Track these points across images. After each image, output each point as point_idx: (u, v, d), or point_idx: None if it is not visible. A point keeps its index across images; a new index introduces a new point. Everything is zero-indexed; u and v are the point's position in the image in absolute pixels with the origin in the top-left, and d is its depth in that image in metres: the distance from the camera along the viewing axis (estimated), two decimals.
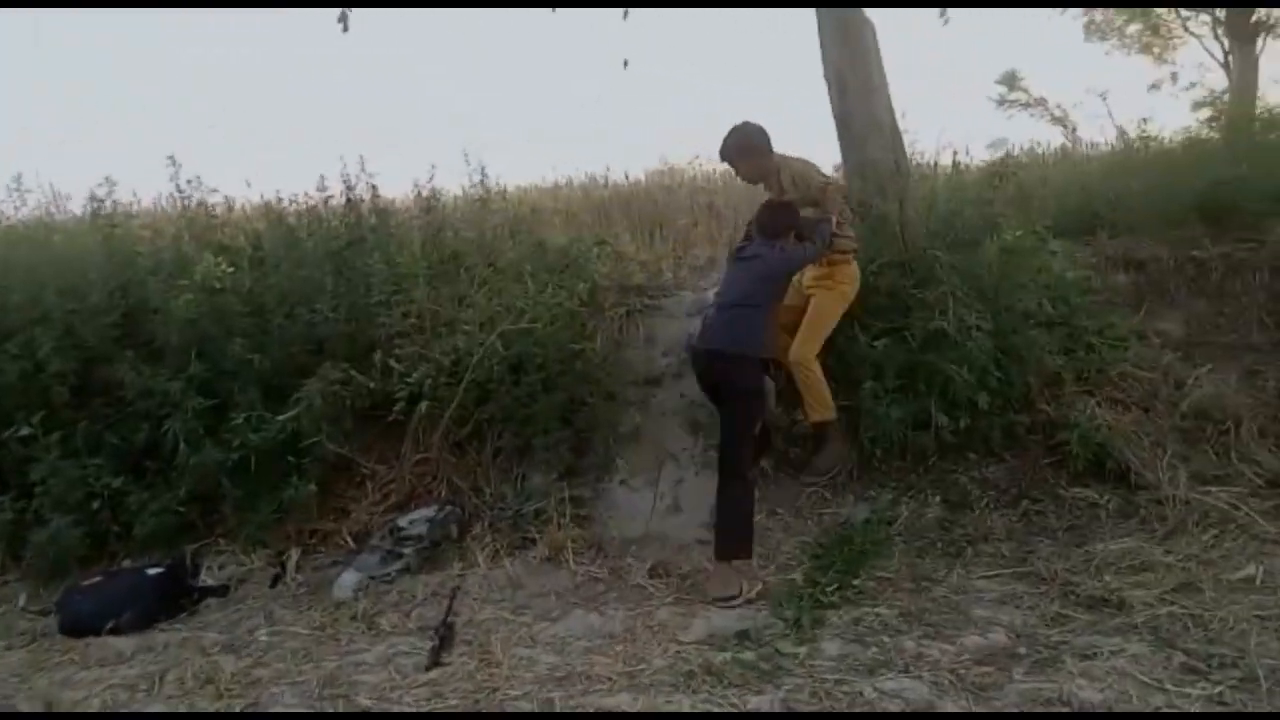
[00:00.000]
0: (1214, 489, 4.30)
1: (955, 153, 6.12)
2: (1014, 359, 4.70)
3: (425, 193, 6.92)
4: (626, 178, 11.12)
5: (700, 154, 11.85)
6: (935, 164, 6.76)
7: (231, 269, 5.50)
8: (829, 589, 3.79)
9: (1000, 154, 8.46)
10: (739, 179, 5.05)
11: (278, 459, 4.71)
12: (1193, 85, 18.23)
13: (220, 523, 4.87)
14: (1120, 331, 5.09)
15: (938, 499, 4.52)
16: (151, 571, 4.35)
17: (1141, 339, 5.17)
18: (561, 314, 4.92)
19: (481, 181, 6.96)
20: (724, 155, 4.68)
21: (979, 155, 8.24)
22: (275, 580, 4.45)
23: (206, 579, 4.54)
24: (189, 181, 6.40)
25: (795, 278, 4.47)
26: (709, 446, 4.83)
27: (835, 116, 5.44)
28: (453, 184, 8.01)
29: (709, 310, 4.36)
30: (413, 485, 4.84)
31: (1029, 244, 4.84)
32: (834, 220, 4.42)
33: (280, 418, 4.73)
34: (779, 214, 4.40)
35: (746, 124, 4.60)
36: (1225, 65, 16.00)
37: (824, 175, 4.75)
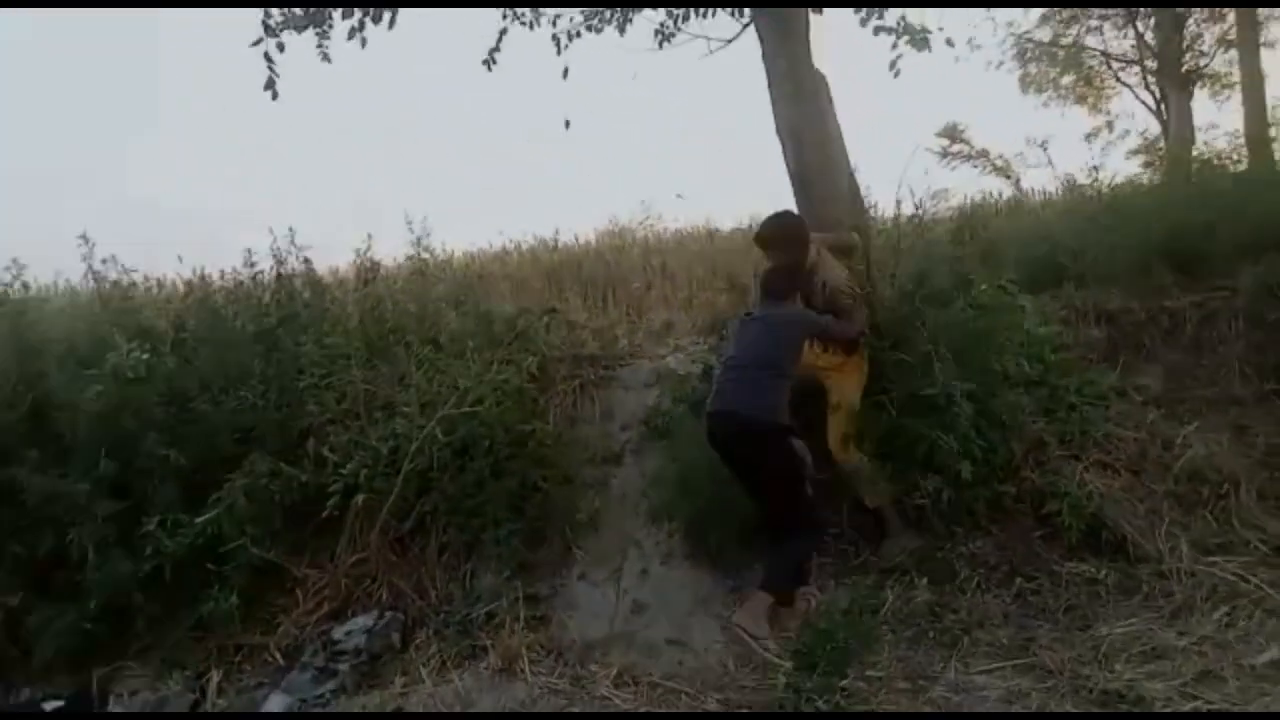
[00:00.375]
0: (1219, 559, 4.00)
1: (917, 206, 5.87)
2: (994, 424, 4.41)
3: (364, 263, 6.54)
4: (576, 239, 10.85)
5: (649, 214, 11.69)
6: (896, 218, 6.50)
7: (148, 354, 5.04)
8: (815, 697, 3.39)
9: (950, 206, 8.33)
10: (763, 262, 4.72)
11: (196, 567, 4.24)
12: (1126, 134, 18.51)
13: (133, 641, 4.35)
14: (1100, 389, 4.83)
15: (924, 580, 4.15)
16: (49, 706, 3.83)
17: (1121, 396, 4.91)
18: (509, 392, 4.53)
19: (419, 248, 6.52)
20: (763, 241, 4.48)
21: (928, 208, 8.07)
22: (194, 707, 3.95)
23: (115, 707, 4.02)
24: (104, 261, 5.94)
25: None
26: (674, 533, 4.46)
27: (791, 174, 5.17)
28: (395, 253, 7.61)
29: (719, 372, 4.15)
30: (349, 590, 4.37)
31: (1001, 300, 4.57)
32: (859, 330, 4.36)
33: (199, 520, 4.26)
34: (786, 277, 4.21)
35: (790, 214, 4.58)
36: (1158, 113, 16.28)
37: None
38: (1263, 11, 13.21)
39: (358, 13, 5.40)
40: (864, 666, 3.64)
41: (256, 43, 5.29)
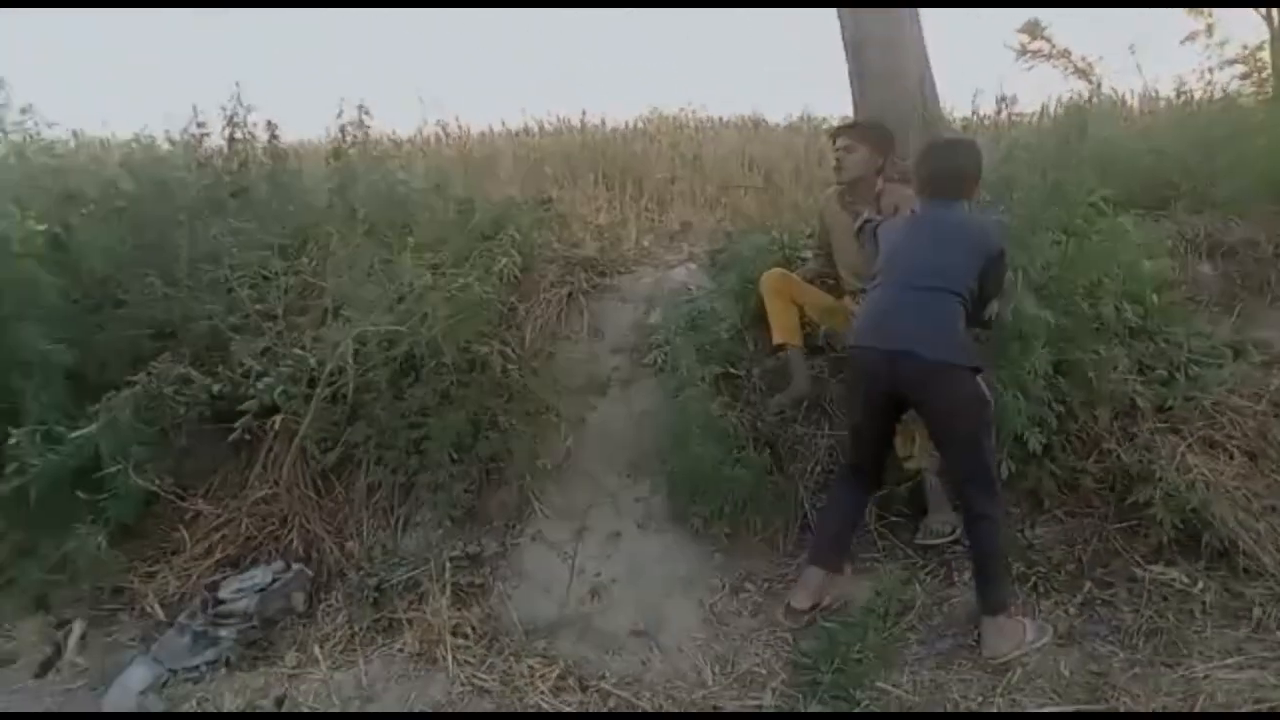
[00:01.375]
0: None
1: (999, 104, 4.76)
2: (1077, 382, 3.43)
3: (345, 132, 5.56)
4: (603, 124, 9.70)
5: (692, 101, 10.49)
6: (971, 120, 5.35)
7: (56, 226, 4.19)
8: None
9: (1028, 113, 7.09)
10: (835, 162, 3.99)
11: (70, 491, 3.46)
12: (1226, 42, 16.57)
13: None
14: (1213, 343, 3.81)
15: (966, 575, 3.27)
16: None
17: (1238, 354, 3.86)
18: (466, 302, 3.62)
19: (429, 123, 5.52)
20: (848, 131, 3.94)
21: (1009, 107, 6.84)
22: (46, 665, 3.21)
23: None
24: (23, 110, 5.02)
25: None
26: (658, 489, 3.59)
27: (846, 43, 4.10)
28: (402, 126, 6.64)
29: (879, 291, 3.07)
30: (252, 533, 3.57)
31: (1105, 225, 3.53)
32: None
33: (74, 435, 3.46)
34: (956, 162, 3.16)
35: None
36: (1267, 17, 14.42)
37: None
38: None
39: None
40: (876, 691, 2.80)
41: None
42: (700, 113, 10.43)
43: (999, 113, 5.30)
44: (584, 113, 9.77)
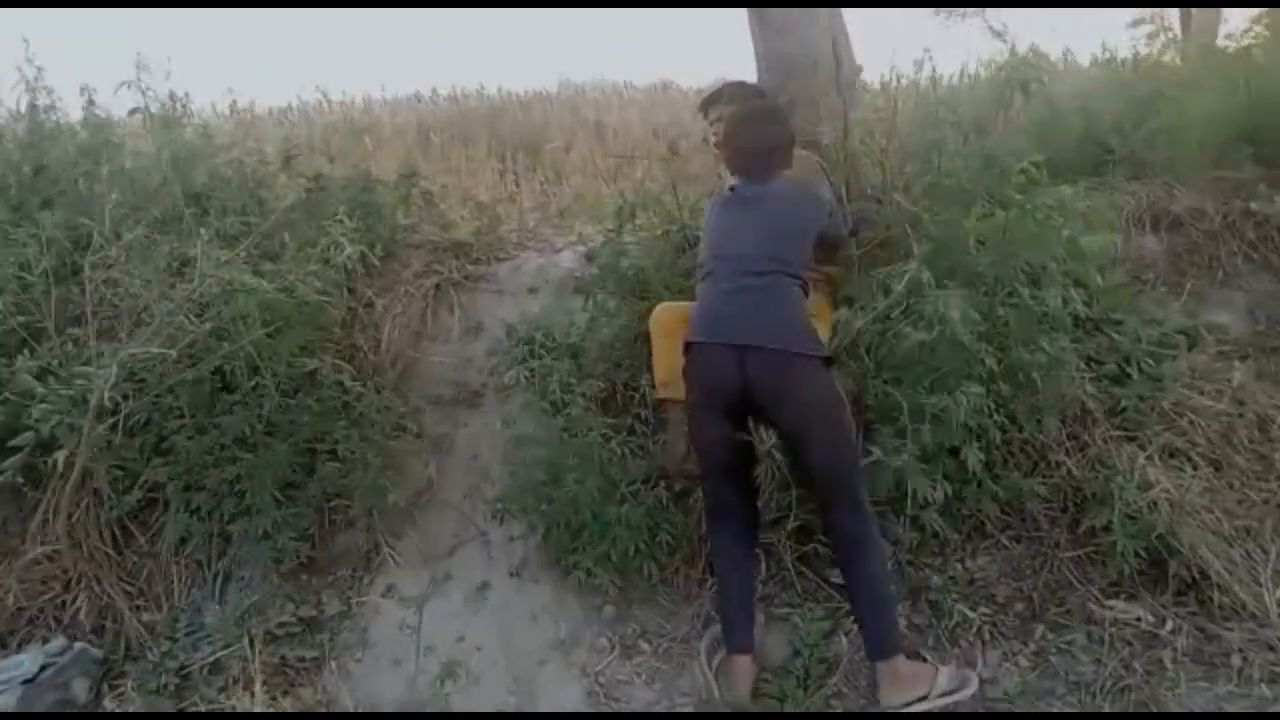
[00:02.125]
0: None
1: (919, 66, 4.17)
2: (1018, 383, 2.92)
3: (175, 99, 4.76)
4: (499, 91, 8.96)
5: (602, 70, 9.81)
6: (889, 83, 4.73)
7: None
8: None
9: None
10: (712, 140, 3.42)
11: None
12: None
13: None
14: (1166, 332, 3.34)
15: (902, 619, 2.75)
16: None
17: (1193, 343, 3.41)
18: (284, 306, 2.94)
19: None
20: (717, 101, 3.39)
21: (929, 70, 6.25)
22: None
23: None
24: None
25: None
26: (535, 528, 2.98)
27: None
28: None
29: (711, 284, 2.64)
30: (25, 602, 2.86)
31: (1043, 196, 3.00)
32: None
33: None
34: (769, 134, 2.82)
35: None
36: None
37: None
38: None
39: None
40: None
41: None
42: (608, 76, 9.78)
43: (918, 72, 4.75)
44: (481, 83, 9.06)
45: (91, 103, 4.49)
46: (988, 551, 2.94)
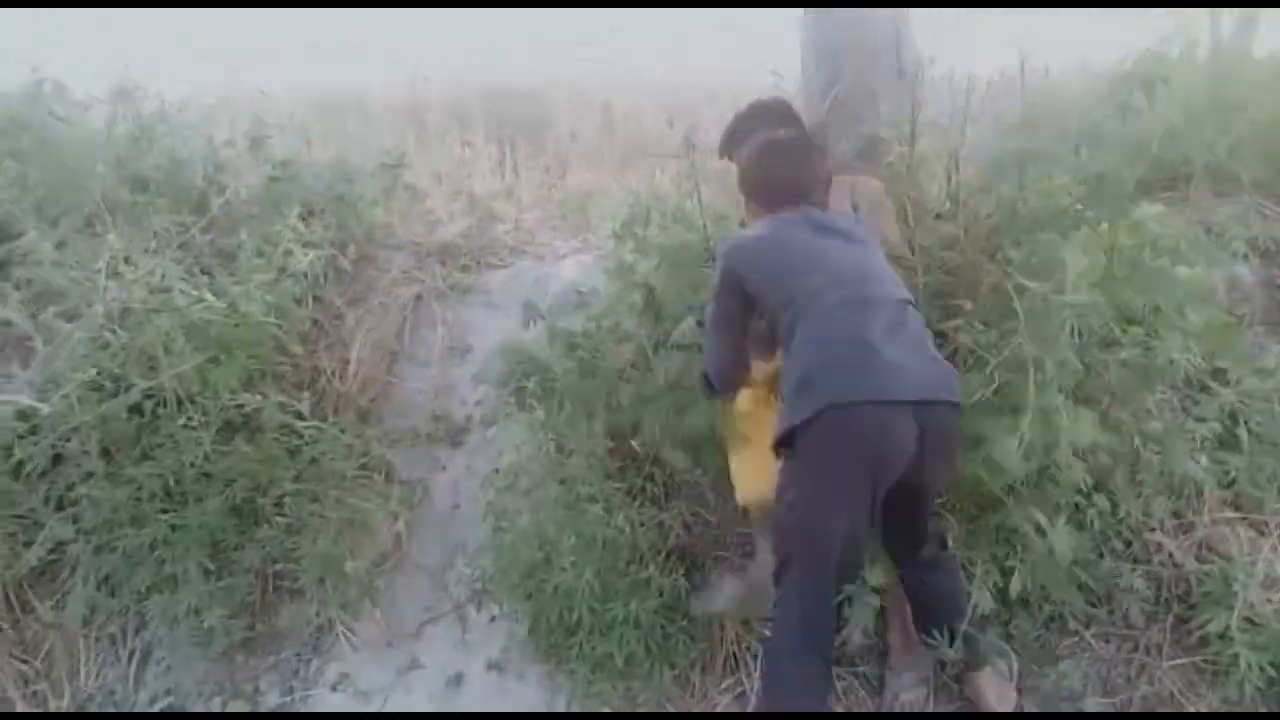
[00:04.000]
0: None
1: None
2: (1121, 461, 2.39)
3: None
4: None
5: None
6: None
7: None
8: None
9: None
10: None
11: None
12: None
13: None
14: (1277, 382, 2.81)
15: None
16: None
17: None
18: (222, 332, 2.40)
19: None
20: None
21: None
22: None
23: None
24: None
25: None
26: (520, 613, 2.44)
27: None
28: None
29: (834, 319, 1.94)
30: None
31: (1156, 231, 2.45)
32: None
33: None
34: (810, 166, 2.28)
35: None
36: None
37: None
38: None
39: None
40: None
41: None
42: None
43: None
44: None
45: (35, 70, 3.95)
46: (1070, 653, 2.42)
